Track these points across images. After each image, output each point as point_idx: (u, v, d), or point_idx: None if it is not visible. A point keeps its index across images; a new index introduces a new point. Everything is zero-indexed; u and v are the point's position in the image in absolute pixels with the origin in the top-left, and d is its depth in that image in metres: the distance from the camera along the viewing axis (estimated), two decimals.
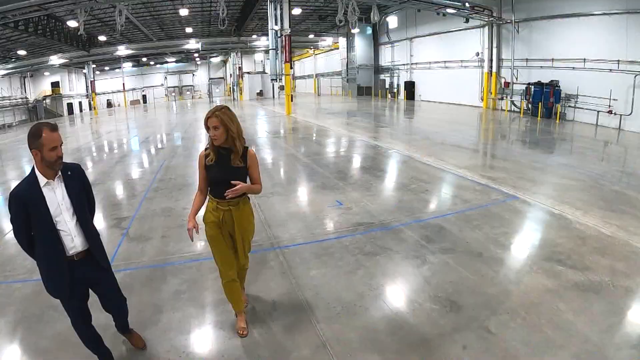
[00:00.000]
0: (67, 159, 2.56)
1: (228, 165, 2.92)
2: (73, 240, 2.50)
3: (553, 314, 3.46)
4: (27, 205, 2.38)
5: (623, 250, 4.68)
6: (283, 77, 22.95)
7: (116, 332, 3.17)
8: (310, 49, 47.88)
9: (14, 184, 9.10)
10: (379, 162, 9.93)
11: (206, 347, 3.25)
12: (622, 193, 6.85)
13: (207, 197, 3.13)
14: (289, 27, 21.76)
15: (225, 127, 2.84)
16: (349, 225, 5.74)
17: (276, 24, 21.50)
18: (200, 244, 5.02)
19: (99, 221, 6.18)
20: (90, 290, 2.79)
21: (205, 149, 3.02)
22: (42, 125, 2.36)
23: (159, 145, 15.03)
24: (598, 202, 6.35)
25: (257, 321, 3.51)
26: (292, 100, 23.80)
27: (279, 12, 21.32)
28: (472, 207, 6.29)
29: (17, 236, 2.53)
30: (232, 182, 2.90)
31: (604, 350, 3.03)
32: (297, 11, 27.97)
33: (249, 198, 3.15)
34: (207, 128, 2.87)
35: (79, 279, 2.58)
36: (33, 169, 2.42)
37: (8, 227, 6.19)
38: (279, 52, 22.36)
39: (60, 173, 2.48)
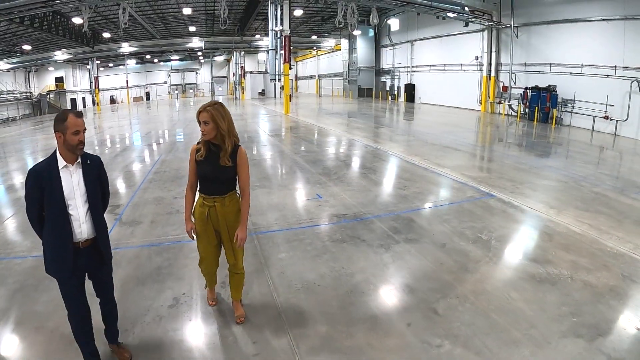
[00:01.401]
0: None
1: (217, 163, 2.90)
2: (80, 226, 2.55)
3: (503, 301, 3.56)
4: (43, 182, 2.45)
5: (590, 247, 4.75)
6: (282, 77, 23.10)
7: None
8: (313, 49, 48.10)
9: (17, 175, 9.55)
10: (365, 161, 10.05)
11: (179, 313, 3.57)
12: (602, 195, 6.90)
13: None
14: (289, 28, 21.92)
15: (215, 123, 2.82)
16: (323, 216, 5.96)
17: (276, 25, 21.67)
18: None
19: None
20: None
21: (197, 143, 3.00)
22: (68, 110, 2.51)
23: (158, 141, 15.30)
24: (575, 202, 6.41)
25: (224, 294, 3.80)
26: (290, 100, 23.95)
27: (279, 12, 21.50)
28: (445, 203, 6.43)
29: (29, 212, 2.58)
30: (236, 237, 3.02)
31: (548, 337, 3.11)
32: (298, 12, 28.16)
33: (237, 194, 3.12)
34: (199, 122, 2.88)
35: (81, 266, 2.63)
36: (55, 151, 2.53)
37: (9, 212, 6.65)
38: (278, 52, 22.52)
39: (80, 159, 2.57)
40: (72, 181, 2.53)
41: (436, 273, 4.09)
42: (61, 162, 2.50)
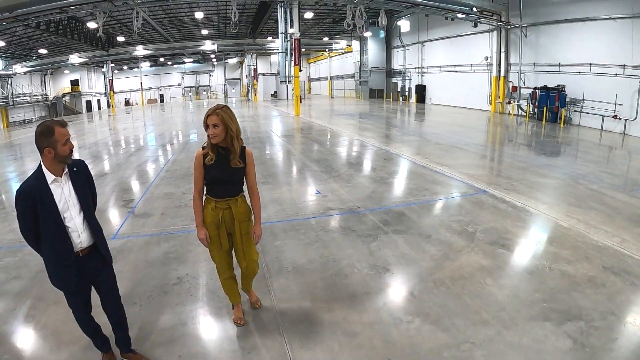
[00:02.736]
0: (84, 152, 2.92)
1: (228, 165, 2.92)
2: (79, 236, 2.53)
3: (478, 286, 3.79)
4: (35, 201, 2.38)
5: (574, 240, 4.87)
6: (293, 80, 23.45)
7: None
8: (325, 51, 48.36)
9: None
10: (367, 159, 10.33)
11: (181, 290, 4.02)
12: (598, 192, 6.94)
13: (204, 197, 3.13)
14: (299, 30, 22.23)
15: (225, 125, 2.83)
16: (320, 209, 6.30)
17: (286, 28, 22.00)
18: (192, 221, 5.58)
19: (111, 203, 7.26)
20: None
21: (203, 148, 2.97)
22: (51, 122, 2.39)
23: (171, 141, 15.89)
24: (568, 199, 6.51)
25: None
26: (301, 102, 24.27)
27: (289, 15, 21.84)
28: (438, 199, 6.65)
29: (24, 233, 2.52)
30: (253, 234, 3.15)
31: (517, 320, 3.29)
32: (309, 15, 28.41)
33: (244, 195, 3.18)
34: (207, 126, 2.85)
35: (83, 274, 2.61)
36: (40, 167, 2.44)
37: None
38: (289, 54, 22.87)
39: (67, 169, 2.50)
40: (64, 194, 2.47)
41: (417, 261, 4.36)
42: (49, 177, 2.43)
